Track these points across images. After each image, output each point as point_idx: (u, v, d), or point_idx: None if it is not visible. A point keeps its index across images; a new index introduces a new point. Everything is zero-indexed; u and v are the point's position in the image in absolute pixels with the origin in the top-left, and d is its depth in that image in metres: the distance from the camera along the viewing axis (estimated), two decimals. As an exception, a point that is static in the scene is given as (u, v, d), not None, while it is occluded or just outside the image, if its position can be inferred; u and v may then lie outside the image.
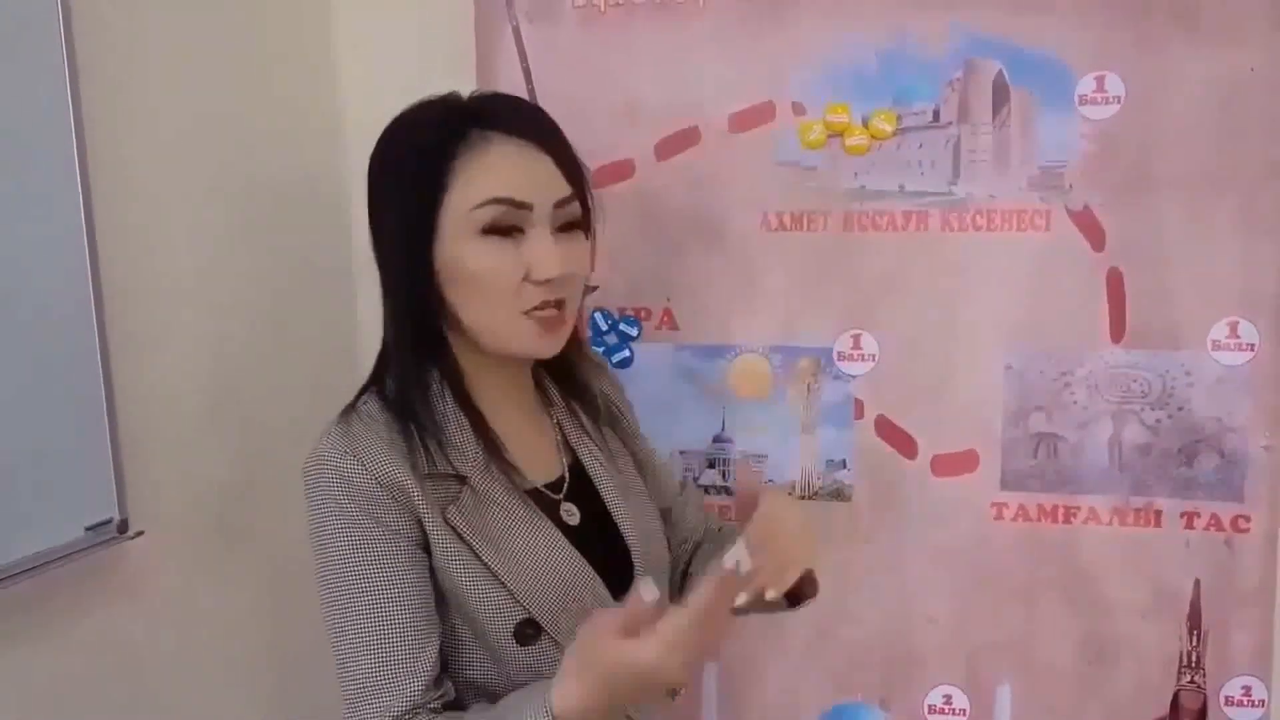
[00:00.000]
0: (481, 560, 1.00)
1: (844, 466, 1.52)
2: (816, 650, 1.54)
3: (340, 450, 1.01)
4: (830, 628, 1.53)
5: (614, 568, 1.07)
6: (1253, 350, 1.40)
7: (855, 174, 1.47)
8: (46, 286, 1.23)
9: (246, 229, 1.57)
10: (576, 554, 1.05)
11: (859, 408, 1.51)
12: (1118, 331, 1.43)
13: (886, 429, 1.51)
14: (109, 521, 1.33)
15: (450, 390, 1.05)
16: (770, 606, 0.99)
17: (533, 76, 1.53)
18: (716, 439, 1.55)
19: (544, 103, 1.50)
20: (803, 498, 1.53)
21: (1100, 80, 1.40)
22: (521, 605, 1.00)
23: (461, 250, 1.00)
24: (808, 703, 1.55)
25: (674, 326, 1.54)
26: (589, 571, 1.05)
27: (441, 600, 1.02)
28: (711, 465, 1.55)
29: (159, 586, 1.44)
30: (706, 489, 1.55)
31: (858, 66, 1.46)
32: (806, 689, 1.55)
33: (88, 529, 1.30)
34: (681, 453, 1.55)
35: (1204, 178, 1.39)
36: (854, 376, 1.51)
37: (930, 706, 1.53)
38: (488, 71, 1.55)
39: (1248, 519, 1.42)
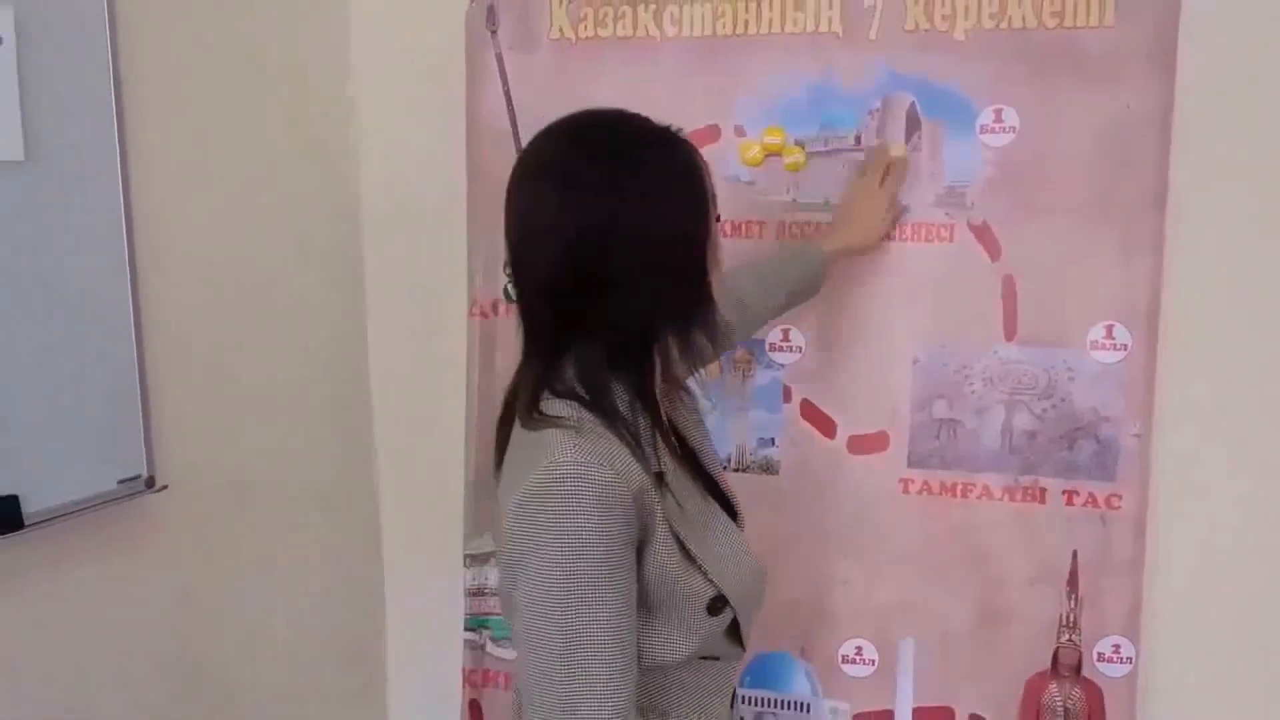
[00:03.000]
0: (687, 549, 1.09)
1: (773, 444, 1.72)
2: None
3: (595, 461, 1.01)
4: (757, 586, 1.73)
5: None
6: (1126, 350, 1.58)
7: (788, 189, 1.67)
8: (86, 269, 1.44)
9: (268, 216, 1.79)
10: (740, 534, 1.20)
11: (787, 393, 1.71)
12: (1010, 331, 1.62)
13: (810, 412, 1.71)
14: (138, 477, 1.53)
15: (640, 388, 1.10)
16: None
17: (513, 98, 1.75)
18: (665, 417, 1.75)
19: (521, 121, 1.74)
20: (737, 470, 1.73)
21: (999, 112, 1.59)
22: (714, 584, 1.10)
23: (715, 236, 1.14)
24: (736, 652, 1.75)
25: (630, 319, 1.74)
26: (748, 549, 1.19)
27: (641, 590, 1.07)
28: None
29: (179, 534, 1.65)
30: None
31: (791, 97, 1.66)
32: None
33: (119, 482, 1.51)
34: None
35: (1088, 199, 1.57)
36: (783, 365, 1.71)
37: (843, 656, 1.72)
38: (476, 93, 1.77)
39: (1120, 498, 1.60)
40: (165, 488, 1.57)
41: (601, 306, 1.06)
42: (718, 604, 1.11)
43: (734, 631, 1.17)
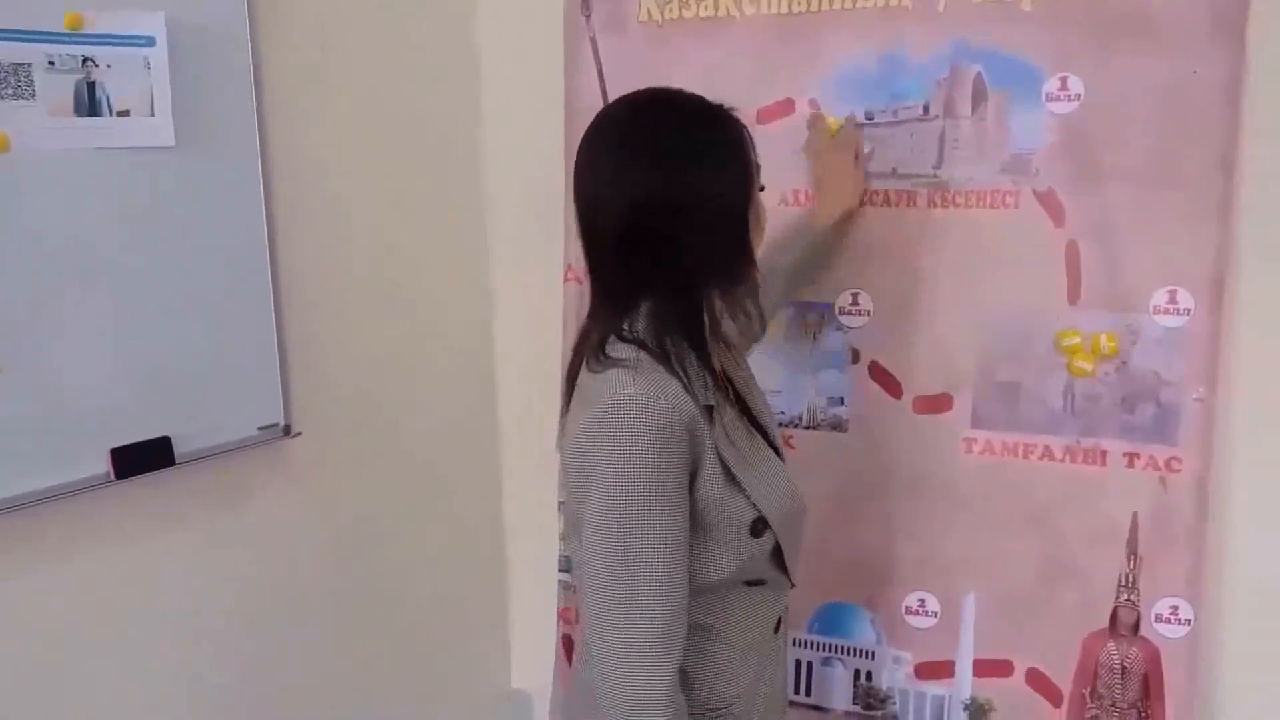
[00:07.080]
0: (732, 473, 1.20)
1: (842, 403, 1.80)
2: (811, 558, 1.76)
3: (651, 393, 1.13)
4: (824, 539, 1.76)
5: None
6: (1189, 315, 1.58)
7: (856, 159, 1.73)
8: (229, 241, 1.65)
9: (396, 190, 1.96)
10: (783, 466, 1.31)
11: (855, 354, 1.78)
12: (1074, 295, 1.64)
13: (877, 373, 1.77)
14: (276, 424, 1.75)
15: (694, 337, 1.22)
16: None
17: (605, 77, 1.88)
18: (741, 376, 1.85)
19: (612, 97, 1.85)
20: (807, 428, 1.81)
21: (1064, 80, 1.60)
22: (756, 508, 1.22)
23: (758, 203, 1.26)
24: (804, 603, 1.82)
25: (709, 283, 1.85)
26: (789, 480, 1.30)
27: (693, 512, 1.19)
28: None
29: (311, 476, 1.85)
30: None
31: (862, 70, 1.72)
32: (802, 591, 1.76)
33: (259, 429, 1.73)
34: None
35: (1152, 165, 1.57)
36: (852, 328, 1.78)
37: (907, 607, 1.79)
38: (573, 72, 1.90)
39: (1180, 461, 1.60)
40: (300, 434, 1.78)
41: (659, 263, 1.19)
42: (759, 525, 1.23)
43: (779, 560, 1.29)
